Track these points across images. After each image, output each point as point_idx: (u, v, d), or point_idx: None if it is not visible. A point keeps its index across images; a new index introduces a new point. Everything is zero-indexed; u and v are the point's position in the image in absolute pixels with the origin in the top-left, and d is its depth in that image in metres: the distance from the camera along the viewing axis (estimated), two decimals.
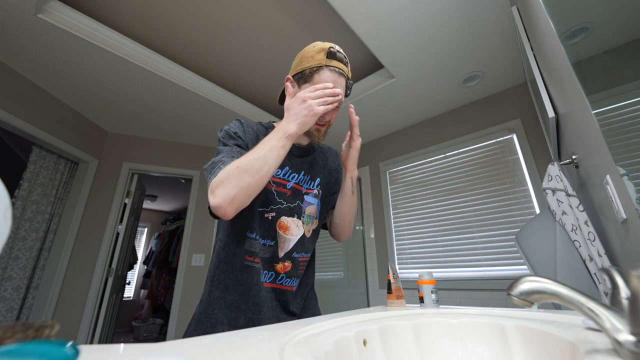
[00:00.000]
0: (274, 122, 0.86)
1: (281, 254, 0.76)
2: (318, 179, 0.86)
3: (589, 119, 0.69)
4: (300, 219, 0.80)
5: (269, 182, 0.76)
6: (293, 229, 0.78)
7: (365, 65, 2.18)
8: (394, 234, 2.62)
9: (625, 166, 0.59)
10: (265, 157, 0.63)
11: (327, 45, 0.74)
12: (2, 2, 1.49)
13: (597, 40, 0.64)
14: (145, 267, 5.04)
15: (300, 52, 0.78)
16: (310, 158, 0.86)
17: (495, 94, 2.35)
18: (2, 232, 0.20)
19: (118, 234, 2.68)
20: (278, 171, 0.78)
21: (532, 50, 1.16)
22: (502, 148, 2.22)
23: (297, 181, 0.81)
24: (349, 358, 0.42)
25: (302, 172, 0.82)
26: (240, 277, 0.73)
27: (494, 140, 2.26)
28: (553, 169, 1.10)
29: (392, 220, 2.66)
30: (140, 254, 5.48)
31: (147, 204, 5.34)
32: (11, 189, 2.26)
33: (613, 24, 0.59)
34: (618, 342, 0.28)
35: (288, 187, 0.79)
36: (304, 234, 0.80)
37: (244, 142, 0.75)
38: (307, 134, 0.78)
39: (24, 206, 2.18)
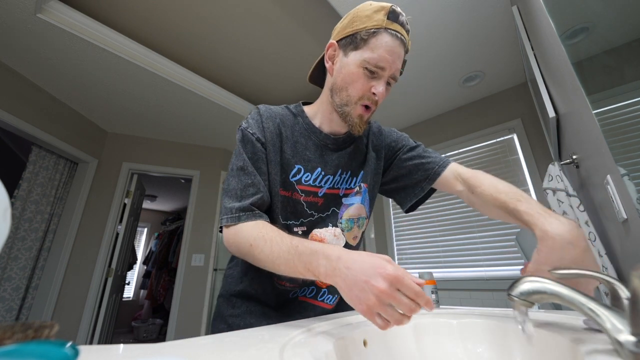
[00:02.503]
0: (304, 103, 0.71)
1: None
2: (362, 172, 0.70)
3: (590, 119, 0.69)
4: (337, 226, 0.66)
5: (297, 191, 0.63)
6: (330, 240, 0.65)
7: None
8: (394, 234, 2.62)
9: (626, 166, 0.59)
10: (278, 266, 0.49)
11: (386, 3, 0.58)
12: (1, 1, 1.49)
13: (597, 40, 0.64)
14: (145, 267, 5.04)
15: (350, 12, 0.62)
16: (350, 149, 0.70)
17: (496, 93, 2.35)
18: (1, 232, 0.20)
19: (118, 234, 2.68)
20: (307, 176, 0.64)
21: (533, 49, 1.16)
22: (502, 148, 2.22)
23: (331, 185, 0.66)
24: (349, 358, 0.42)
25: (340, 171, 0.67)
26: (271, 292, 0.65)
27: (495, 140, 2.26)
28: (553, 169, 1.10)
29: (393, 221, 2.66)
30: (140, 254, 5.48)
31: (146, 204, 5.33)
32: (10, 189, 2.26)
33: (613, 23, 0.59)
34: (619, 343, 0.28)
35: (320, 195, 0.65)
36: (346, 242, 0.67)
37: (263, 144, 0.61)
38: (346, 121, 0.62)
39: (24, 206, 2.17)
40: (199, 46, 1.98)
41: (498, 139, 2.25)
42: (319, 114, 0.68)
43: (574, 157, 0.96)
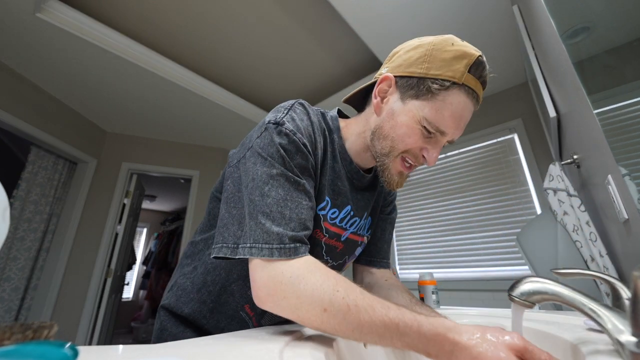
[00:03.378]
0: (339, 115, 0.59)
1: None
2: (370, 218, 0.62)
3: (591, 119, 0.69)
4: None
5: (322, 229, 0.51)
6: None
7: (365, 65, 2.17)
8: (394, 234, 2.62)
9: (627, 166, 0.59)
10: (364, 337, 0.36)
11: (473, 51, 0.46)
12: (1, 1, 1.49)
13: (598, 40, 0.64)
14: (145, 268, 5.03)
15: (424, 42, 0.48)
16: (373, 192, 0.60)
17: (497, 93, 2.35)
18: (0, 232, 0.20)
19: (117, 234, 2.67)
20: (334, 212, 0.52)
21: (533, 49, 1.15)
22: (503, 148, 2.22)
23: (356, 229, 0.56)
24: (349, 358, 0.42)
25: (365, 214, 0.58)
26: (224, 317, 0.55)
27: (495, 140, 2.26)
28: (554, 169, 1.10)
29: None
30: (140, 254, 5.47)
31: (146, 204, 5.33)
32: (9, 189, 2.25)
33: (614, 23, 0.59)
34: (619, 343, 0.28)
35: (342, 240, 0.54)
36: None
37: (312, 163, 0.47)
38: (382, 174, 0.51)
39: (23, 206, 2.17)
40: (199, 46, 1.98)
41: (498, 139, 2.25)
42: (349, 142, 0.55)
43: (575, 157, 0.96)
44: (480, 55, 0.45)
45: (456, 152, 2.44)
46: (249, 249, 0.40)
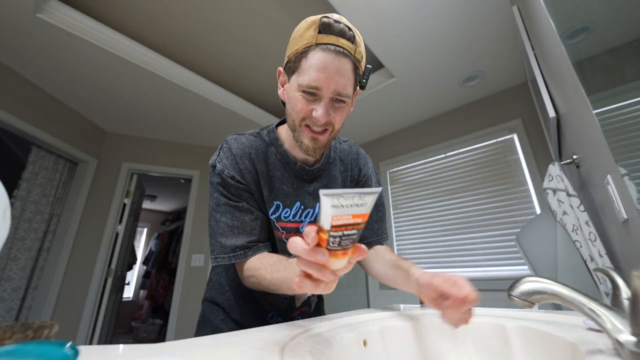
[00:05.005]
0: (276, 125, 0.69)
1: (298, 304, 0.67)
2: None
3: (590, 119, 0.69)
4: None
5: (278, 229, 0.63)
6: None
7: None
8: (394, 234, 2.62)
9: (626, 166, 0.59)
10: (280, 287, 0.51)
11: (318, 17, 0.53)
12: (1, 1, 1.49)
13: (597, 40, 0.64)
14: (145, 268, 5.03)
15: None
16: (326, 179, 0.68)
17: (496, 93, 2.35)
18: (1, 232, 0.20)
19: (117, 234, 2.68)
20: (287, 212, 0.63)
21: (533, 49, 1.15)
22: (502, 148, 2.22)
23: (313, 218, 0.65)
24: (349, 358, 0.42)
25: (318, 203, 0.65)
26: (250, 312, 0.68)
27: (495, 140, 2.26)
28: (554, 169, 1.10)
29: (393, 221, 2.66)
30: (140, 254, 5.48)
31: (146, 204, 5.33)
32: (10, 189, 2.26)
33: (614, 23, 0.59)
34: (619, 343, 0.28)
35: (302, 231, 0.64)
36: None
37: (245, 186, 0.60)
38: (300, 147, 0.58)
39: (23, 206, 2.17)
40: (199, 46, 1.98)
41: (498, 139, 2.25)
42: (287, 143, 0.66)
43: (574, 157, 0.96)
44: (323, 16, 0.53)
45: (456, 152, 2.44)
46: (214, 259, 0.58)
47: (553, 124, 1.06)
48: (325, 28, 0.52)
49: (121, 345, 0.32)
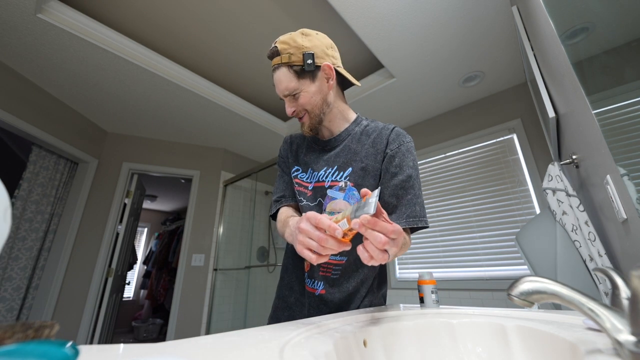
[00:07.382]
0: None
1: (307, 268, 0.78)
2: (350, 169, 0.75)
3: (590, 119, 0.69)
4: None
5: (295, 184, 0.84)
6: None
7: (365, 65, 2.17)
8: None
9: (626, 166, 0.59)
10: (286, 237, 0.67)
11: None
12: (1, 1, 1.49)
13: (597, 40, 0.64)
14: (145, 267, 5.04)
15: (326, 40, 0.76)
16: (339, 149, 0.79)
17: (496, 93, 2.35)
18: (2, 232, 0.20)
19: (118, 234, 2.68)
20: (303, 175, 0.83)
21: (532, 50, 1.16)
22: (502, 148, 2.22)
23: (317, 179, 0.78)
24: (349, 358, 0.42)
25: (325, 167, 0.78)
26: (298, 287, 0.82)
27: (494, 140, 2.26)
28: (553, 169, 1.10)
29: None
30: (140, 254, 5.48)
31: (146, 204, 5.34)
32: (11, 189, 2.26)
33: (613, 23, 0.59)
34: (618, 343, 0.28)
35: (310, 188, 0.79)
36: None
37: (283, 160, 0.90)
38: (302, 129, 0.79)
39: (24, 206, 2.17)
40: (199, 46, 1.98)
41: (498, 139, 2.25)
42: None
43: (574, 157, 0.96)
44: (269, 49, 0.75)
45: (456, 152, 2.44)
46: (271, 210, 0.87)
47: (553, 124, 1.06)
48: (269, 55, 0.74)
49: (122, 345, 0.32)
